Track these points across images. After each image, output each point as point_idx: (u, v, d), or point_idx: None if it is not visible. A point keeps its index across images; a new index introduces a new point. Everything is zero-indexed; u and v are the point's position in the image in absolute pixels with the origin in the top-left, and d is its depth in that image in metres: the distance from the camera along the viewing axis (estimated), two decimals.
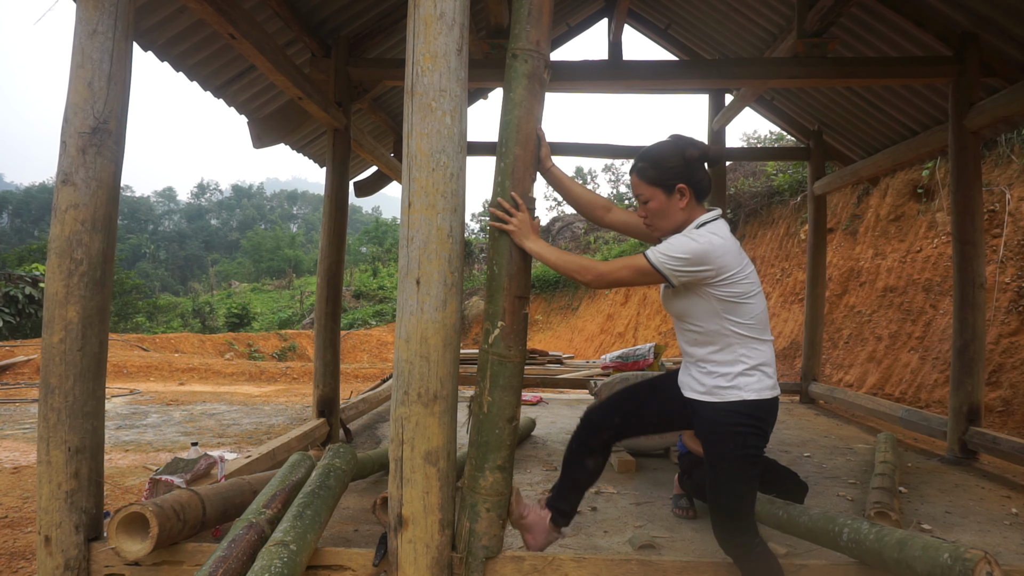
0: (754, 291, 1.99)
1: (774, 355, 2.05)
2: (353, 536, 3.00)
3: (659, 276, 1.97)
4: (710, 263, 1.92)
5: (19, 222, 67.75)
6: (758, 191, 13.35)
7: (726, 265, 1.94)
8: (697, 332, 2.04)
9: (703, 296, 1.98)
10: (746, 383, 1.97)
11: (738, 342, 1.98)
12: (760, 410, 1.97)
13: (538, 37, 2.23)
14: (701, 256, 1.92)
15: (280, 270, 40.56)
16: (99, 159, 2.32)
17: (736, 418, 1.96)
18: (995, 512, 3.50)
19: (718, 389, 1.99)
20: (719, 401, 1.99)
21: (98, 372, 2.35)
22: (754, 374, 1.98)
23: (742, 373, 1.97)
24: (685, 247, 1.94)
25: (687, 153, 2.06)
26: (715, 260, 1.93)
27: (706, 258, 1.92)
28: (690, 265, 1.93)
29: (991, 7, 4.39)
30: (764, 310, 2.01)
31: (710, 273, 1.93)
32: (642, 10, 7.16)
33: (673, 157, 2.06)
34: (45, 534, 2.24)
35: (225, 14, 3.42)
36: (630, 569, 2.24)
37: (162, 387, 9.24)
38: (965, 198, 4.70)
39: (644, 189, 2.10)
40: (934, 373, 6.98)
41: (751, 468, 1.98)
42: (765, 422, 1.99)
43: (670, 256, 1.95)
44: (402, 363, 2.12)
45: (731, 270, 1.95)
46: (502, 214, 2.18)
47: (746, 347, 1.98)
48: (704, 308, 1.99)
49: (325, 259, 5.14)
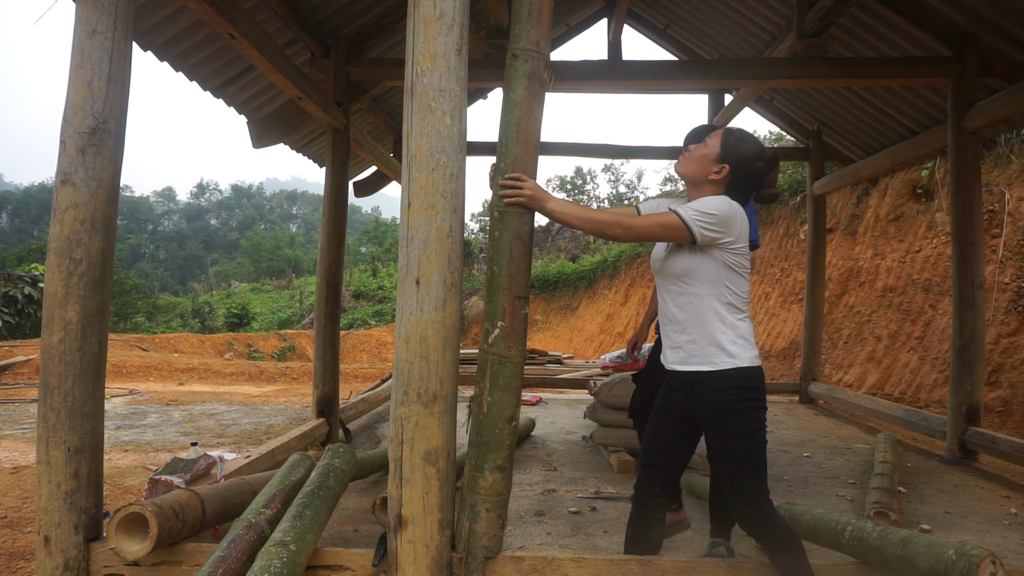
0: (749, 268, 2.09)
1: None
2: (353, 536, 3.00)
3: (686, 232, 1.99)
4: (734, 228, 2.00)
5: (18, 222, 67.70)
6: None
7: (742, 235, 2.03)
8: (695, 294, 2.05)
9: (713, 257, 2.02)
10: (739, 350, 2.00)
11: (732, 311, 2.03)
12: (756, 378, 2.01)
13: (538, 37, 2.23)
14: (730, 218, 1.99)
15: (280, 270, 40.54)
16: (98, 159, 2.32)
17: (737, 388, 1.98)
18: (994, 512, 3.50)
19: (715, 355, 2.01)
20: (716, 369, 2.00)
21: (97, 372, 2.34)
22: (743, 342, 2.01)
23: (733, 341, 2.00)
24: (719, 206, 2.00)
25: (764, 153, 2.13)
26: (736, 226, 2.00)
27: (732, 222, 1.99)
28: (719, 224, 1.98)
29: (991, 7, 4.39)
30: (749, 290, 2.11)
31: (730, 238, 2.00)
32: (642, 10, 7.16)
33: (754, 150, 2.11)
34: (44, 534, 2.24)
35: (225, 14, 3.42)
36: (630, 569, 2.24)
37: (161, 387, 9.23)
38: (964, 198, 4.70)
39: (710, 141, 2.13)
40: (933, 373, 6.98)
41: (761, 439, 2.00)
42: (762, 392, 2.02)
43: (702, 212, 1.99)
44: (402, 363, 2.12)
45: (742, 242, 2.04)
46: (512, 188, 2.14)
47: (736, 316, 2.03)
48: (710, 270, 2.03)
49: (325, 259, 5.14)
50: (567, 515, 3.34)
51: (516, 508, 3.39)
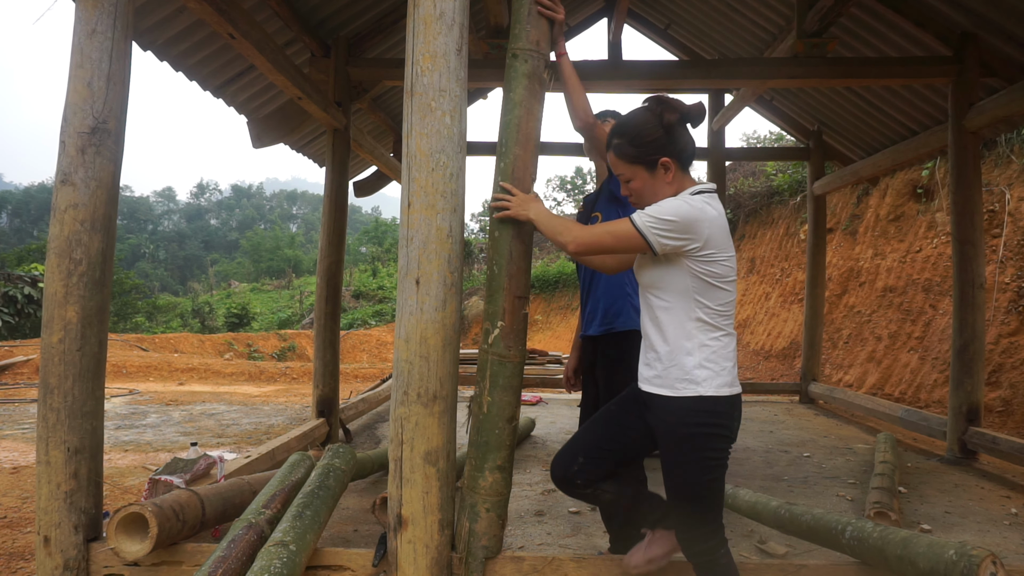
0: (730, 277, 1.83)
1: (736, 350, 1.89)
2: (353, 536, 3.00)
3: (642, 242, 1.79)
4: (698, 232, 1.76)
5: (18, 222, 67.66)
6: (758, 191, 13.35)
7: (712, 239, 1.78)
8: (663, 307, 1.86)
9: (680, 268, 1.81)
10: (704, 376, 1.78)
11: (701, 328, 1.81)
12: (720, 408, 1.79)
13: (538, 37, 2.23)
14: (691, 222, 1.75)
15: (279, 270, 40.52)
16: (98, 159, 2.32)
17: (695, 417, 1.79)
18: (995, 512, 3.50)
19: (677, 381, 1.81)
20: (675, 396, 1.81)
21: (97, 372, 2.34)
22: (712, 367, 1.79)
23: (700, 365, 1.79)
24: (676, 210, 1.77)
25: (666, 119, 1.86)
26: (703, 230, 1.76)
27: (695, 225, 1.76)
28: (678, 231, 1.76)
29: (991, 7, 4.39)
30: (734, 301, 1.85)
31: (695, 244, 1.77)
32: (642, 10, 7.16)
33: (651, 128, 1.87)
34: (44, 534, 2.24)
35: (224, 14, 3.42)
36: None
37: (161, 387, 9.23)
38: (965, 198, 4.70)
39: (624, 168, 1.92)
40: (934, 373, 6.98)
41: (713, 471, 1.81)
42: (726, 422, 1.81)
43: (657, 218, 1.77)
44: (402, 363, 2.12)
45: (715, 247, 1.78)
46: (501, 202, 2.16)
47: (708, 335, 1.81)
48: (677, 282, 1.82)
49: (325, 259, 5.14)
50: (567, 515, 3.34)
51: (516, 508, 3.39)
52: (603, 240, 1.87)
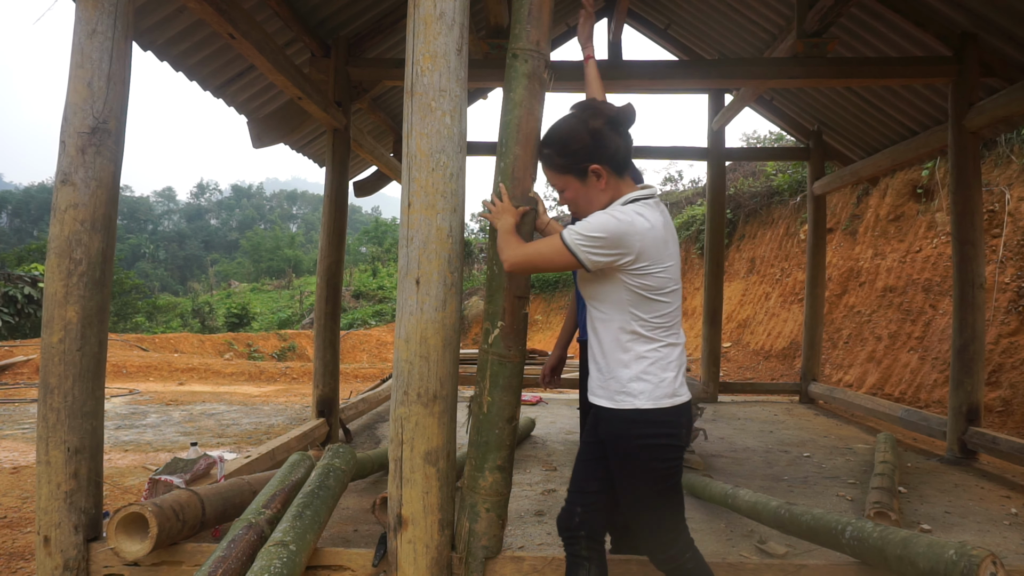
0: (669, 288, 1.77)
1: (683, 359, 1.82)
2: (353, 536, 3.00)
3: (573, 259, 1.74)
4: (628, 246, 1.70)
5: (18, 222, 67.67)
6: (758, 191, 13.35)
7: (645, 252, 1.71)
8: (601, 319, 1.82)
9: (615, 281, 1.76)
10: (641, 389, 1.75)
11: (638, 341, 1.76)
12: (661, 419, 1.75)
13: (538, 37, 2.23)
14: (619, 236, 1.70)
15: (280, 270, 40.52)
16: (98, 159, 2.32)
17: (636, 429, 1.76)
18: (995, 512, 3.50)
19: (615, 394, 1.78)
20: (615, 408, 1.78)
21: (97, 372, 2.35)
22: (649, 379, 1.75)
23: (637, 378, 1.76)
24: (604, 225, 1.71)
25: (591, 125, 1.79)
26: (634, 243, 1.70)
27: (624, 239, 1.70)
28: (607, 246, 1.70)
29: (991, 7, 4.39)
30: (676, 309, 1.80)
31: (628, 258, 1.71)
32: (642, 10, 7.16)
33: (578, 135, 1.80)
34: (44, 534, 2.24)
35: (224, 14, 3.42)
36: (630, 569, 2.24)
37: (161, 387, 9.23)
38: (965, 198, 4.70)
39: (556, 180, 1.87)
40: (934, 373, 6.98)
41: (663, 481, 1.78)
42: (671, 431, 1.77)
43: (584, 235, 1.72)
44: (402, 363, 2.12)
45: (649, 259, 1.72)
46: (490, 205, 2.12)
47: (645, 347, 1.76)
48: (612, 295, 1.77)
49: (325, 259, 5.14)
50: None
51: (516, 508, 3.39)
52: (534, 260, 1.84)
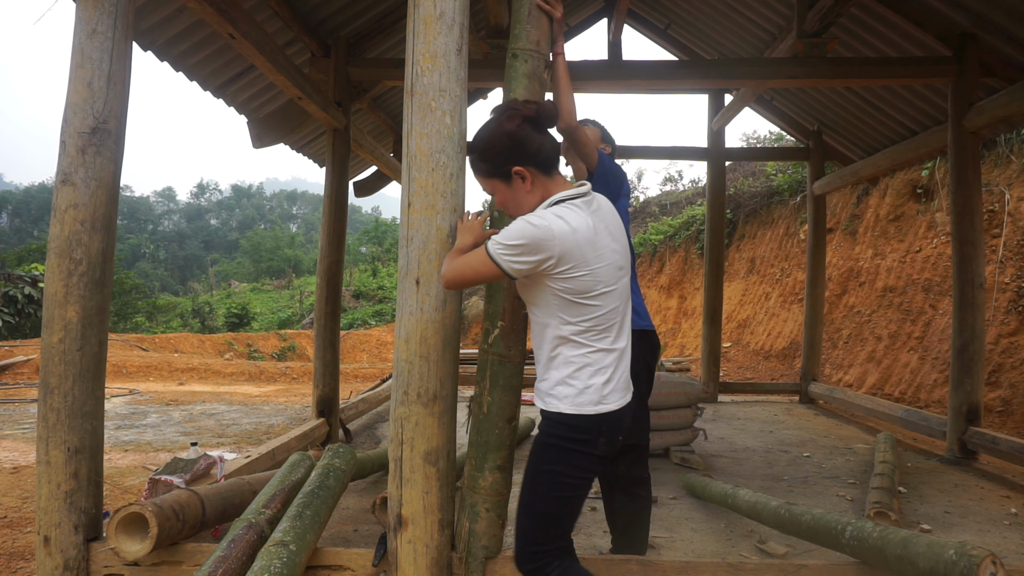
0: (598, 291, 1.70)
1: (619, 364, 1.76)
2: (353, 536, 3.00)
3: (498, 270, 1.70)
4: (548, 251, 1.65)
5: (18, 222, 67.66)
6: (758, 191, 13.35)
7: (567, 255, 1.66)
8: (536, 322, 1.80)
9: (541, 286, 1.73)
10: (565, 393, 1.72)
11: (566, 345, 1.73)
12: (581, 424, 1.71)
13: (538, 37, 2.23)
14: (537, 242, 1.65)
15: (280, 270, 40.50)
16: (99, 159, 2.32)
17: (554, 429, 1.74)
18: (994, 512, 3.50)
19: (545, 395, 1.78)
20: (544, 409, 1.79)
21: (97, 372, 2.35)
22: (575, 383, 1.72)
23: (563, 381, 1.73)
24: (521, 232, 1.66)
25: (506, 127, 1.74)
26: (554, 248, 1.65)
27: (543, 245, 1.64)
28: (525, 253, 1.66)
29: (991, 7, 4.39)
30: (610, 312, 1.73)
31: (550, 262, 1.66)
32: (642, 10, 7.16)
33: (496, 138, 1.76)
34: (44, 534, 2.24)
35: (225, 14, 3.42)
36: (630, 569, 2.24)
37: (161, 387, 9.23)
38: (964, 198, 4.70)
39: (485, 184, 1.83)
40: (933, 373, 6.98)
41: (559, 488, 1.74)
42: (589, 438, 1.72)
43: (504, 244, 1.68)
44: (402, 363, 2.12)
45: (572, 262, 1.66)
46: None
47: (573, 351, 1.73)
48: (541, 299, 1.75)
49: (325, 259, 5.14)
50: None
51: (516, 508, 3.39)
52: (465, 273, 1.78)
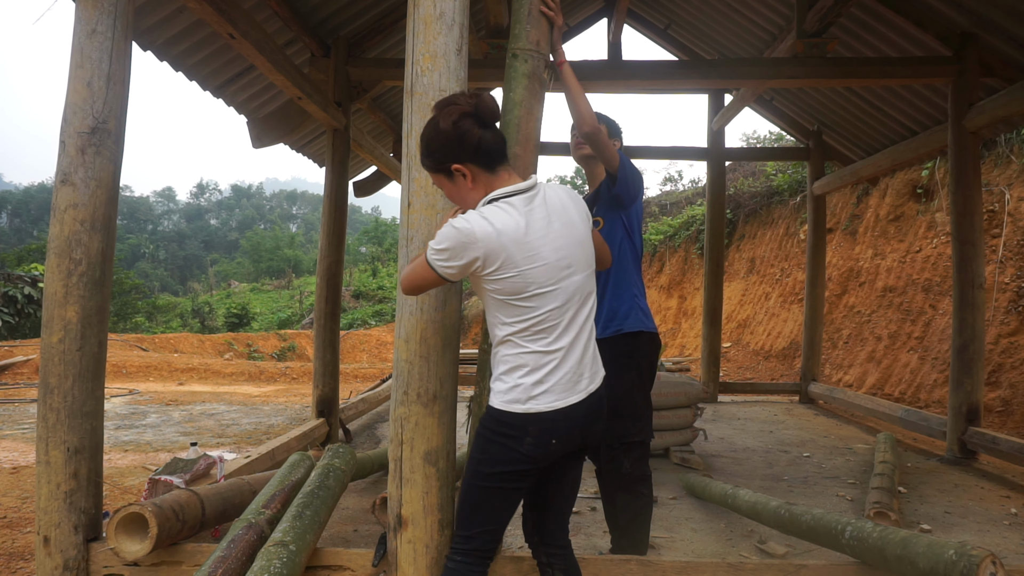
0: (531, 292, 1.66)
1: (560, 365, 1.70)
2: (352, 536, 3.00)
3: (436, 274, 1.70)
4: (472, 253, 1.63)
5: (18, 222, 67.64)
6: (758, 191, 13.35)
7: (491, 256, 1.63)
8: (487, 320, 1.82)
9: (481, 288, 1.73)
10: (497, 389, 1.73)
11: (504, 344, 1.73)
12: (507, 421, 1.70)
13: (538, 37, 2.23)
14: (461, 245, 1.63)
15: (279, 270, 40.49)
16: (98, 159, 2.32)
17: (485, 420, 1.77)
18: (994, 512, 3.50)
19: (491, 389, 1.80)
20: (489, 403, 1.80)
21: (97, 372, 2.34)
22: (508, 380, 1.71)
23: (498, 377, 1.74)
24: (446, 235, 1.65)
25: (442, 125, 1.70)
26: (478, 250, 1.62)
27: (467, 248, 1.63)
28: (452, 258, 1.65)
29: (991, 7, 4.39)
30: (549, 313, 1.69)
31: (477, 265, 1.64)
32: (642, 10, 7.16)
33: (435, 136, 1.73)
34: (44, 534, 2.24)
35: (224, 14, 3.42)
36: (630, 569, 2.24)
37: (161, 387, 9.23)
38: (964, 198, 4.70)
39: (433, 180, 1.84)
40: (933, 373, 6.98)
41: (483, 479, 1.75)
42: (515, 435, 1.69)
43: (435, 248, 1.67)
44: (402, 363, 2.12)
45: (498, 263, 1.64)
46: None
47: (510, 350, 1.72)
48: (485, 300, 1.75)
49: (325, 259, 5.14)
50: None
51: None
52: (413, 280, 1.77)
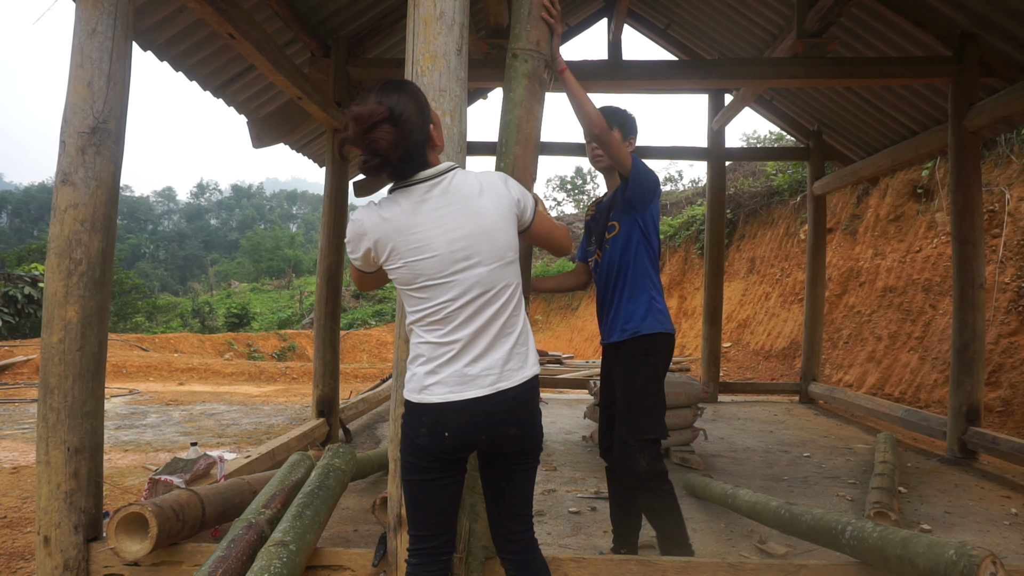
0: (420, 283, 1.66)
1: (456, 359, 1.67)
2: (353, 536, 3.01)
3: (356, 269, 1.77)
4: (365, 243, 1.68)
5: (18, 222, 67.65)
6: (758, 191, 13.35)
7: (379, 246, 1.67)
8: None
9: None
10: (408, 377, 1.75)
11: (411, 334, 1.75)
12: (408, 411, 1.74)
13: (538, 37, 2.23)
14: (355, 236, 1.69)
15: (279, 270, 40.48)
16: (98, 159, 2.32)
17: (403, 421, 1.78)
18: (995, 512, 3.50)
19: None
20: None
21: (97, 372, 2.34)
22: (410, 370, 1.74)
23: (407, 368, 1.77)
24: (348, 228, 1.72)
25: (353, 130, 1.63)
26: (368, 239, 1.67)
27: (361, 238, 1.68)
28: (354, 249, 1.71)
29: (991, 7, 4.39)
30: (442, 304, 1.66)
31: (372, 254, 1.69)
32: (642, 10, 7.16)
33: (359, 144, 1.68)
34: (44, 534, 2.24)
35: (224, 14, 3.42)
36: (630, 569, 2.24)
37: (161, 387, 9.23)
38: (965, 198, 4.70)
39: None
40: (934, 373, 6.98)
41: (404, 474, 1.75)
42: (413, 424, 1.71)
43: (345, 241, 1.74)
44: (402, 363, 2.11)
45: (386, 253, 1.67)
46: None
47: (414, 339, 1.74)
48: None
49: (325, 259, 5.14)
50: (567, 515, 3.34)
51: None
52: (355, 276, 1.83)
